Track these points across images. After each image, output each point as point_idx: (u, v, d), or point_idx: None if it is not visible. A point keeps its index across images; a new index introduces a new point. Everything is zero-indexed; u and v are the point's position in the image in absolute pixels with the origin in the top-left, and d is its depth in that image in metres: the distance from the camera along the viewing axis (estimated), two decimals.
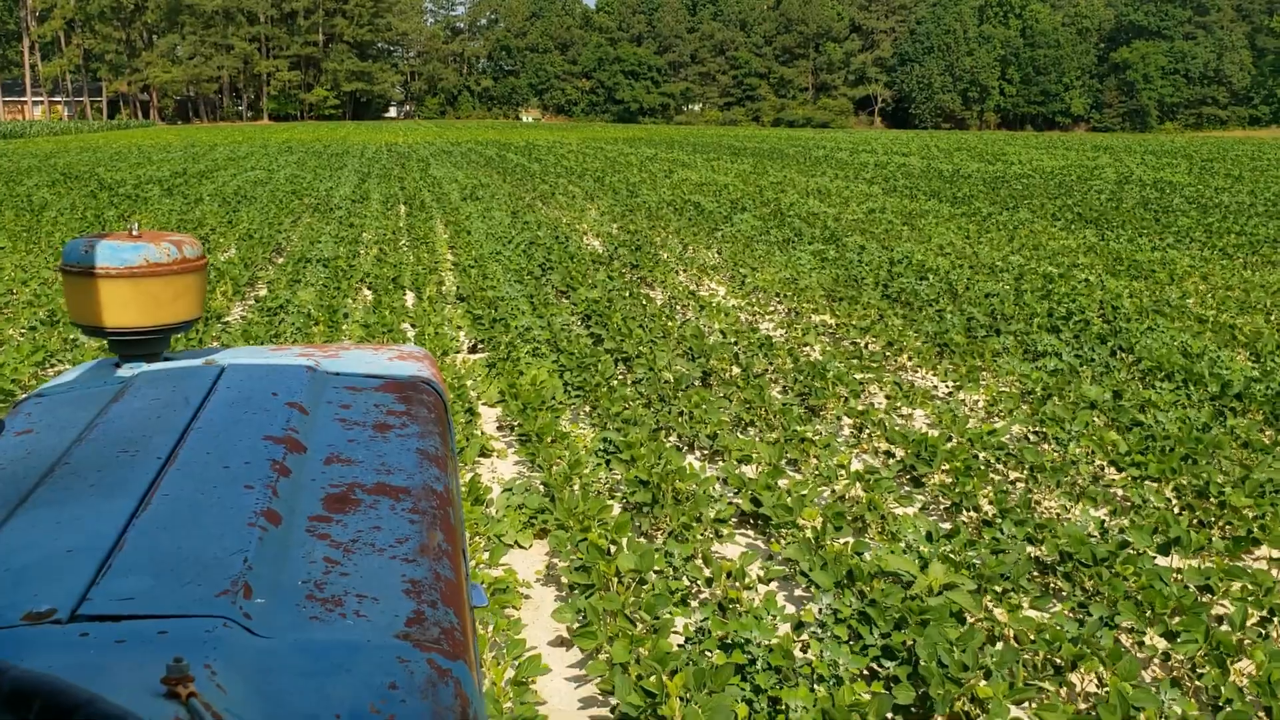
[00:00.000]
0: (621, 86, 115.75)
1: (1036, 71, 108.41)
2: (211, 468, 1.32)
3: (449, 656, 0.98)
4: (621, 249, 14.11)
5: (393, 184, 24.63)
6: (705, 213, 17.97)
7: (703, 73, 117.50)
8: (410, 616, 1.04)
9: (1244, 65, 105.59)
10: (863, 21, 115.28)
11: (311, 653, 0.94)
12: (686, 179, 25.75)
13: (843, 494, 6.10)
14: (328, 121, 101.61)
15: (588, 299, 10.78)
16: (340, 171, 28.30)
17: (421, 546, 1.21)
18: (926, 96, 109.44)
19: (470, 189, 22.43)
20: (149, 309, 1.85)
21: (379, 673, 0.92)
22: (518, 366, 8.57)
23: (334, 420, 1.58)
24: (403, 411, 1.66)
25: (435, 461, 1.49)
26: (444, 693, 0.92)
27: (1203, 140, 66.03)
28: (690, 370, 8.56)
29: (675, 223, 16.82)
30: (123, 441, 1.42)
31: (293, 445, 1.41)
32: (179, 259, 1.88)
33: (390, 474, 1.39)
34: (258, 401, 1.58)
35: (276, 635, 0.97)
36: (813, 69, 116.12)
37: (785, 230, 15.59)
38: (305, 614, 1.02)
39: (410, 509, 1.30)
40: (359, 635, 0.99)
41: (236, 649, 0.91)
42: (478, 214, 17.83)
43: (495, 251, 13.67)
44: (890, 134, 70.80)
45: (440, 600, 1.10)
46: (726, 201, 19.87)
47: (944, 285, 11.49)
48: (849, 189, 22.56)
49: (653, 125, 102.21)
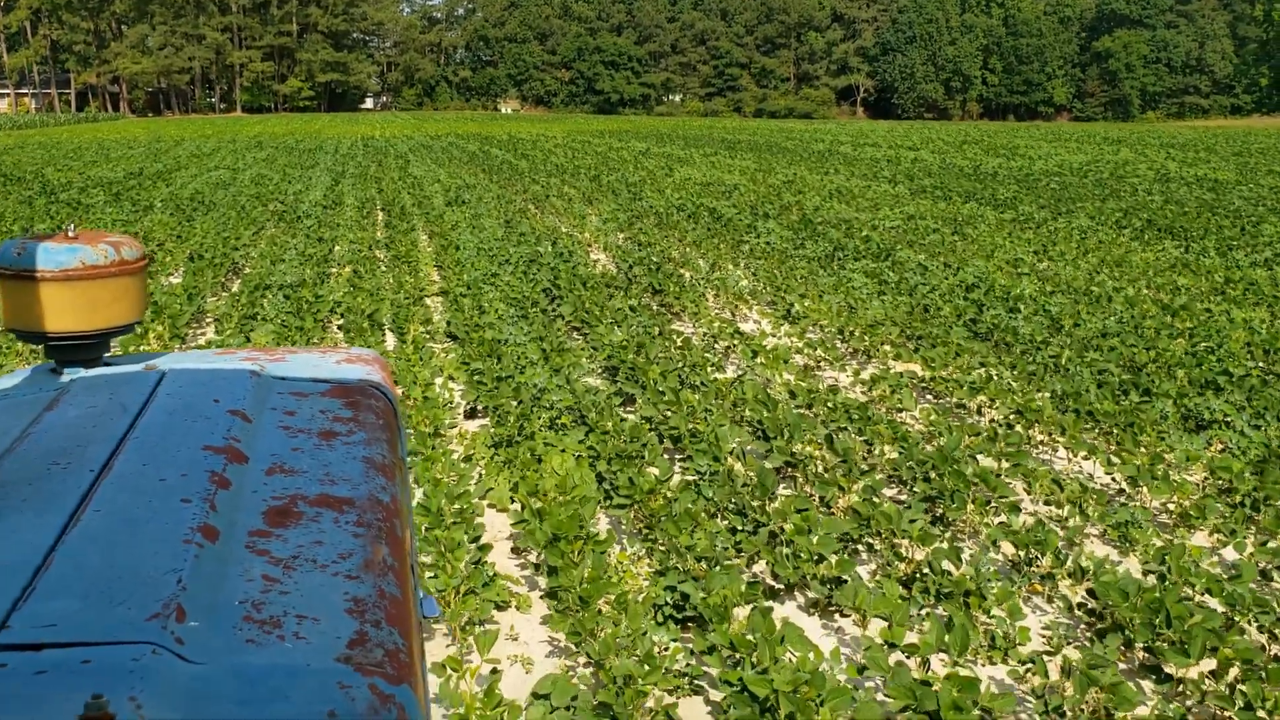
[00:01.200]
0: (601, 77, 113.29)
1: (1019, 61, 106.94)
2: (147, 480, 1.26)
3: (392, 681, 0.92)
4: (637, 268, 11.91)
5: (369, 185, 22.31)
6: (724, 220, 15.77)
7: (683, 63, 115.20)
8: (352, 638, 0.98)
9: (1226, 54, 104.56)
10: (844, 10, 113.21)
11: (247, 679, 0.88)
12: (689, 178, 23.53)
13: (1045, 693, 3.97)
14: (302, 113, 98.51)
15: (611, 343, 8.59)
16: (312, 171, 25.88)
17: (366, 562, 1.14)
18: (909, 86, 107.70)
19: (455, 191, 20.14)
20: (86, 312, 1.76)
21: (318, 700, 0.86)
22: (533, 448, 6.39)
23: (278, 428, 1.50)
24: (349, 418, 1.57)
25: (382, 470, 1.41)
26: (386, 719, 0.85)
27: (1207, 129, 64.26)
28: (758, 448, 6.41)
29: (692, 233, 14.63)
30: (55, 452, 1.35)
31: (234, 455, 1.35)
32: (117, 260, 1.78)
33: (335, 484, 1.33)
34: (198, 409, 1.50)
35: (210, 661, 0.91)
36: (794, 59, 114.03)
37: (822, 243, 13.42)
38: (241, 637, 0.96)
39: (355, 521, 1.23)
40: (298, 659, 0.93)
41: (166, 678, 0.86)
42: (465, 222, 15.58)
43: (490, 274, 11.44)
44: (885, 125, 68.60)
45: (384, 620, 1.03)
46: (745, 206, 17.67)
47: (1043, 318, 9.37)
48: (871, 189, 20.40)
49: (635, 116, 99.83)
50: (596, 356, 8.57)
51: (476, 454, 6.71)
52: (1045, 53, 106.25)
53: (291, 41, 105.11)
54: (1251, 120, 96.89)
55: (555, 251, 12.94)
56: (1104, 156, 31.47)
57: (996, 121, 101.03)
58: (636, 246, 13.73)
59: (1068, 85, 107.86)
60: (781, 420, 6.60)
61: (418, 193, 20.18)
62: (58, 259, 1.74)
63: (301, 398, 1.66)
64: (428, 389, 7.45)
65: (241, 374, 1.71)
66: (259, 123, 71.20)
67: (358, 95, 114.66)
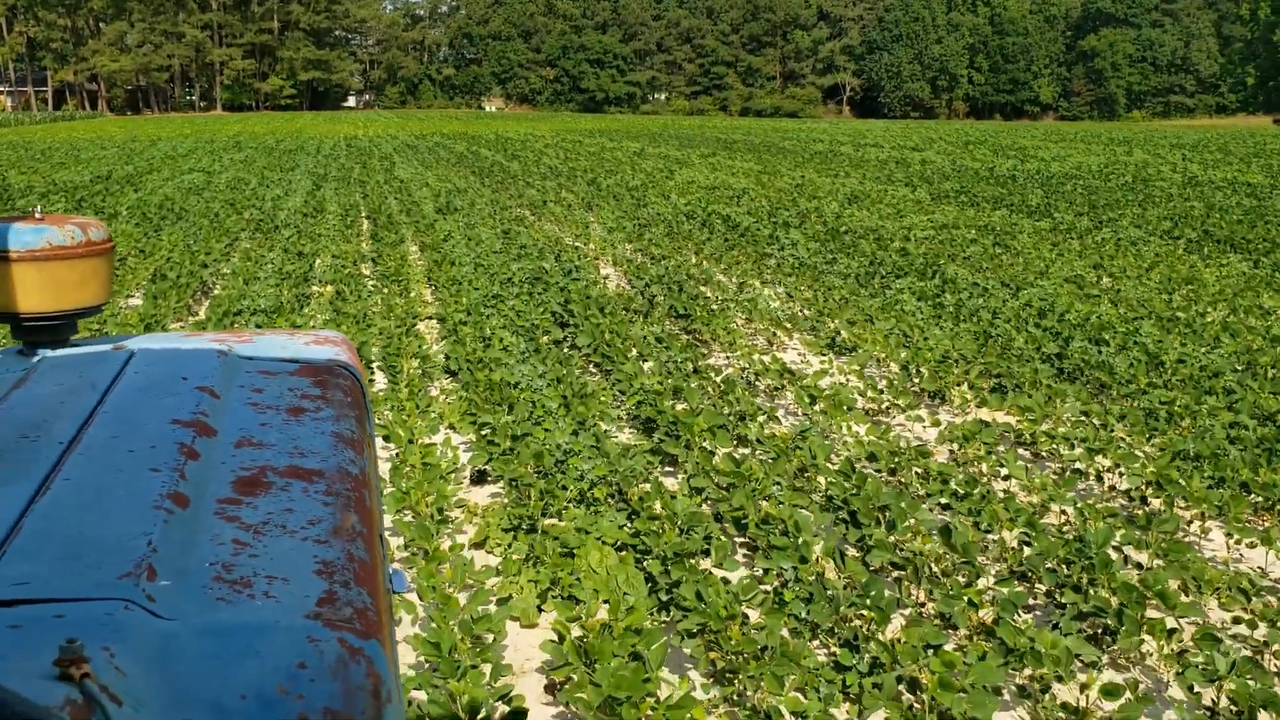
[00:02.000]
0: (587, 75, 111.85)
1: (1005, 60, 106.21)
2: (116, 452, 1.25)
3: (361, 635, 0.93)
4: (654, 286, 10.55)
5: (353, 190, 20.85)
6: (741, 229, 14.41)
7: (669, 61, 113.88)
8: (321, 596, 0.98)
9: (1211, 53, 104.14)
10: (830, 9, 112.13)
11: (217, 634, 0.89)
12: (692, 181, 22.16)
13: None
14: (284, 112, 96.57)
15: (642, 387, 7.22)
16: (292, 174, 24.36)
17: (335, 528, 1.14)
18: (896, 85, 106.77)
19: (445, 196, 18.71)
20: (53, 293, 1.75)
21: (288, 653, 0.87)
22: (561, 535, 5.04)
23: (246, 404, 1.50)
24: (318, 395, 1.57)
25: (351, 444, 1.41)
26: (355, 671, 0.87)
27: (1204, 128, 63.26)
28: (850, 537, 5.06)
29: (708, 244, 13.27)
30: (24, 426, 1.34)
31: (202, 429, 1.34)
32: (84, 242, 1.79)
33: (304, 456, 1.32)
34: (167, 386, 1.51)
35: (181, 618, 0.91)
36: (780, 57, 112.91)
37: (856, 257, 12.08)
38: (212, 596, 0.96)
39: (324, 491, 1.23)
40: (267, 616, 0.94)
41: (138, 632, 0.86)
42: (459, 232, 14.17)
43: (492, 295, 10.04)
44: (881, 125, 67.28)
45: (353, 580, 1.03)
46: (760, 213, 16.31)
47: (1134, 351, 8.06)
48: (888, 194, 19.07)
49: (622, 115, 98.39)
50: (625, 401, 7.21)
51: (491, 538, 5.35)
52: (1031, 51, 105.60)
53: (273, 39, 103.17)
54: (1236, 119, 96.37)
55: (561, 267, 11.56)
56: (1118, 158, 30.20)
57: (983, 121, 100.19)
58: (650, 260, 12.37)
59: (1054, 84, 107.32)
60: (872, 498, 5.25)
61: (405, 198, 18.74)
62: (24, 239, 1.73)
63: (270, 376, 1.65)
64: (427, 453, 6.08)
65: (210, 353, 1.72)
66: (239, 121, 69.42)
67: (340, 93, 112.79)
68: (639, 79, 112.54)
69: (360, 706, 0.84)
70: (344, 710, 0.82)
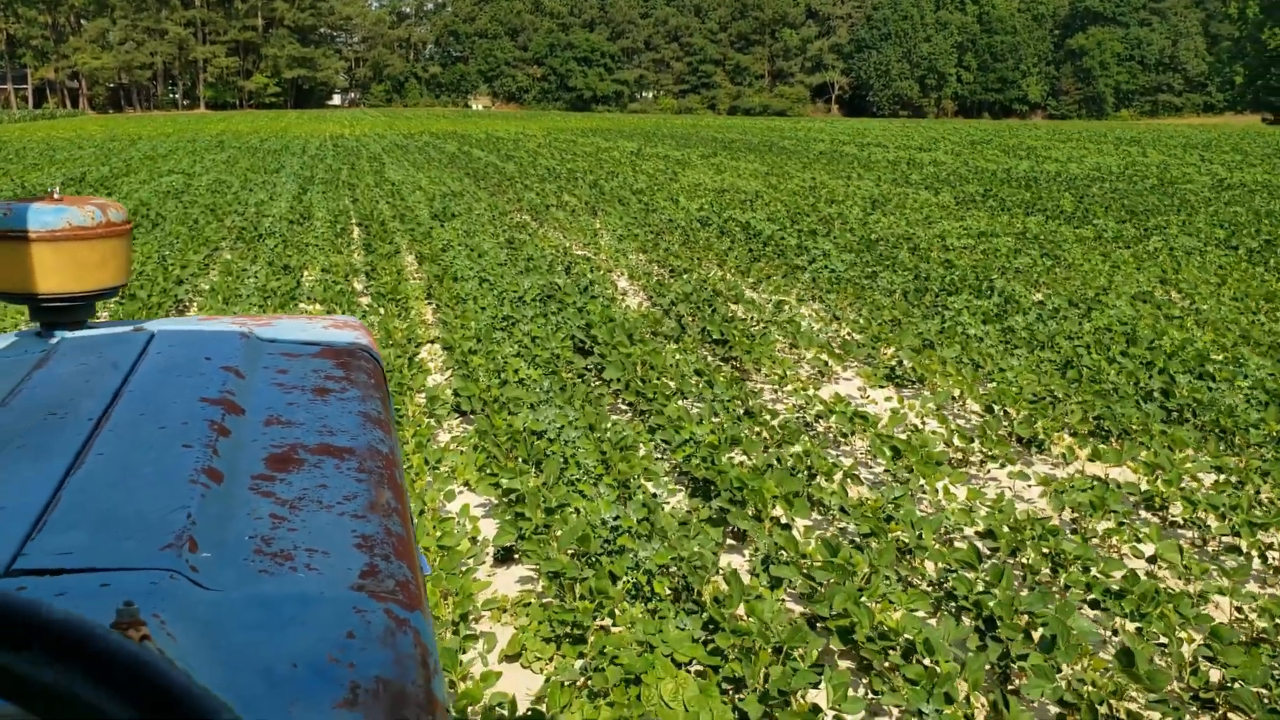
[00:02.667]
0: (574, 73, 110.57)
1: (994, 58, 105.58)
2: (146, 429, 1.22)
3: (406, 607, 0.92)
4: (680, 305, 9.42)
5: (341, 193, 19.63)
6: (763, 238, 13.27)
7: (657, 59, 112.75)
8: (364, 569, 0.97)
9: (1199, 52, 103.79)
10: (819, 7, 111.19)
11: (264, 605, 0.88)
12: (699, 183, 21.00)
13: None
14: (268, 110, 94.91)
15: (692, 438, 6.08)
16: (276, 176, 23.09)
17: (371, 504, 1.12)
18: (885, 84, 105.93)
19: (440, 201, 17.51)
20: (73, 274, 1.72)
21: (335, 623, 0.87)
22: (618, 653, 3.91)
23: (271, 384, 1.48)
24: (342, 377, 1.55)
25: (378, 424, 1.38)
26: (403, 641, 0.86)
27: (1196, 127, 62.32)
28: (988, 657, 3.95)
29: (731, 255, 12.13)
30: (50, 405, 1.31)
31: (230, 407, 1.32)
32: (104, 222, 1.76)
33: (334, 435, 1.30)
34: (191, 366, 1.48)
35: (225, 589, 0.90)
36: (769, 56, 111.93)
37: (899, 271, 10.97)
38: (254, 568, 0.95)
39: (357, 468, 1.21)
40: (312, 588, 0.93)
41: (185, 601, 0.86)
42: (459, 241, 13.00)
43: (503, 318, 8.88)
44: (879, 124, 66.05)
45: (393, 554, 1.02)
46: (781, 218, 15.17)
47: (1245, 385, 6.97)
48: (910, 198, 17.93)
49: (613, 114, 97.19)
50: (671, 454, 6.08)
51: (528, 648, 4.22)
52: (1020, 50, 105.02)
53: (257, 36, 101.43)
54: (1224, 118, 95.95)
55: (575, 282, 10.41)
56: (1134, 158, 29.08)
57: (972, 119, 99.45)
58: (669, 274, 11.24)
59: (1042, 83, 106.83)
60: (1014, 601, 4.12)
61: (398, 202, 17.53)
62: (44, 220, 1.69)
63: (292, 358, 1.62)
64: (444, 530, 4.93)
65: (231, 334, 1.69)
66: (223, 120, 67.90)
67: (325, 92, 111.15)
68: (627, 77, 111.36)
69: (411, 675, 0.82)
70: (396, 679, 0.81)
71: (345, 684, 0.78)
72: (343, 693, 0.77)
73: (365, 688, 0.78)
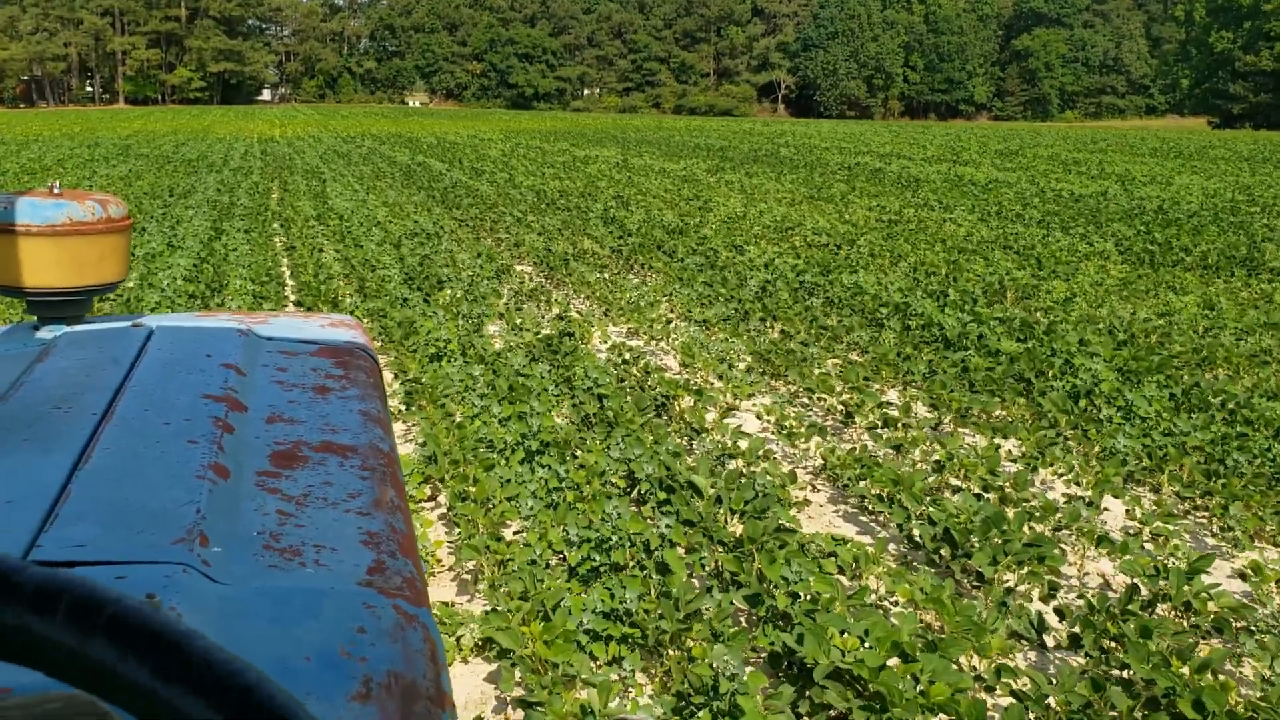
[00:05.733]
0: (515, 70, 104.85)
1: (940, 59, 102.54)
2: (152, 424, 1.21)
3: (413, 603, 0.92)
4: (891, 511, 4.45)
5: (270, 230, 14.27)
6: (926, 321, 8.29)
7: (600, 56, 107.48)
8: (371, 565, 0.97)
9: (1141, 54, 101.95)
10: (765, 5, 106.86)
11: (275, 599, 0.88)
12: (743, 215, 15.86)
13: None
14: (192, 106, 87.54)
15: None
16: (185, 202, 17.50)
17: (375, 501, 1.12)
18: (832, 84, 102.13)
19: (412, 249, 12.29)
20: (72, 269, 1.68)
21: (346, 618, 0.86)
22: None
23: (272, 382, 1.46)
24: (341, 375, 1.53)
25: (378, 423, 1.37)
26: (413, 636, 0.86)
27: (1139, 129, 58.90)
28: None
29: (911, 368, 7.14)
30: (54, 398, 1.29)
31: (233, 404, 1.31)
32: (104, 218, 1.72)
33: (335, 433, 1.29)
34: (192, 362, 1.46)
35: (237, 583, 0.90)
36: (715, 54, 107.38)
37: (1199, 414, 6.09)
38: (264, 563, 0.95)
39: (360, 465, 1.20)
40: (322, 583, 0.92)
41: (198, 594, 0.85)
42: (462, 342, 7.85)
43: (586, 567, 3.82)
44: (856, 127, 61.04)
45: (399, 551, 1.02)
46: (906, 283, 10.11)
47: None
48: (1051, 246, 12.98)
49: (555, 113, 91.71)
50: None
51: None
52: (966, 50, 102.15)
53: (180, 27, 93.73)
54: (1167, 121, 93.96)
55: (712, 468, 5.35)
56: (1238, 178, 24.49)
57: (918, 120, 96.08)
58: (825, 419, 6.27)
59: (988, 84, 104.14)
60: None
61: (351, 251, 12.26)
62: (44, 214, 1.66)
63: (291, 356, 1.60)
64: None
65: (230, 331, 1.65)
66: (141, 117, 61.09)
67: (254, 87, 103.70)
68: (569, 74, 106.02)
69: (421, 669, 0.82)
70: (406, 672, 0.80)
71: (359, 678, 0.77)
72: (356, 686, 0.76)
73: (378, 681, 0.77)
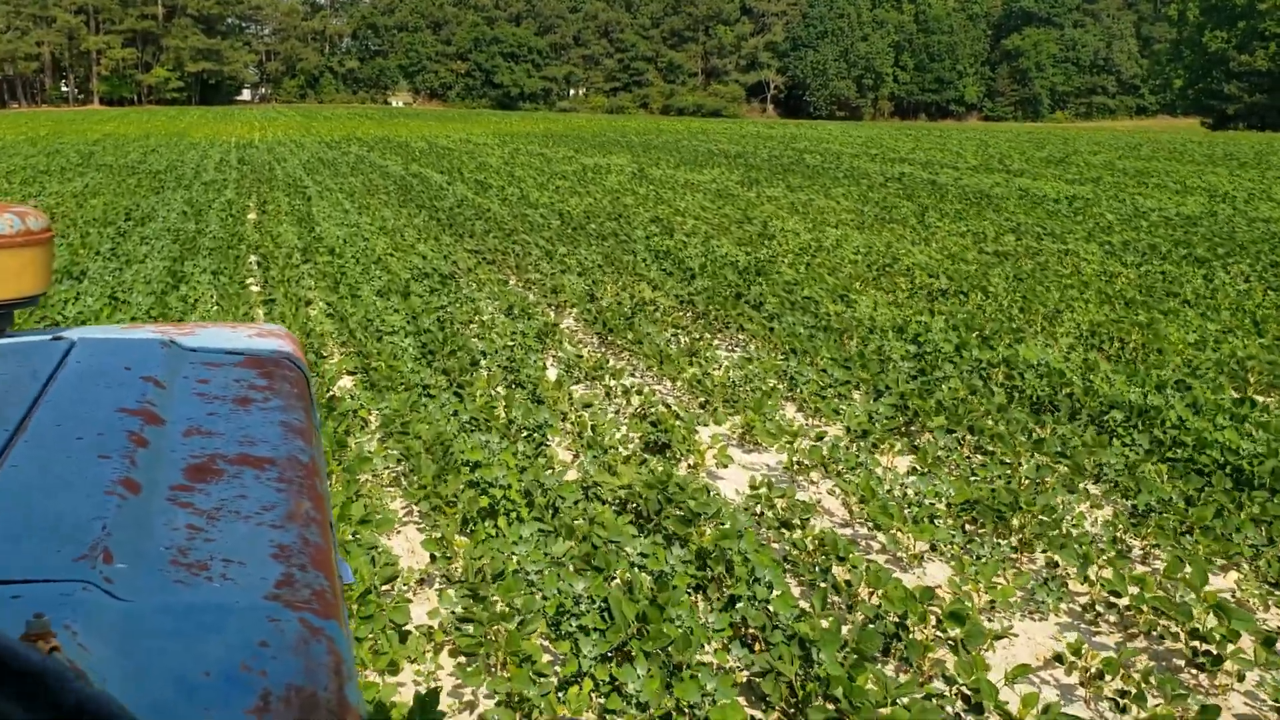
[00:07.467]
0: (500, 69, 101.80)
1: (930, 58, 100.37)
2: (64, 438, 1.18)
3: (321, 615, 0.91)
4: None
5: (245, 266, 11.47)
6: (1146, 426, 5.62)
7: (587, 55, 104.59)
8: (279, 579, 0.96)
9: (1132, 54, 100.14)
10: (754, 4, 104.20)
11: (178, 615, 0.87)
12: (818, 243, 13.21)
13: None
14: (169, 107, 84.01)
15: None
16: (144, 230, 14.63)
17: (289, 513, 1.09)
18: (822, 84, 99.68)
19: (416, 288, 9.54)
20: None
21: (249, 631, 0.86)
22: None
23: (193, 394, 1.42)
24: (264, 386, 1.48)
25: (300, 434, 1.33)
26: (317, 649, 0.85)
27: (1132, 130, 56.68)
28: None
29: (1159, 524, 4.49)
30: None
31: (150, 418, 1.26)
32: (22, 230, 1.66)
33: (254, 445, 1.25)
34: (111, 375, 1.42)
35: (140, 599, 0.89)
36: (703, 53, 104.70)
37: None
38: (169, 578, 0.94)
39: (277, 478, 1.17)
40: (227, 597, 0.91)
41: (98, 612, 0.84)
42: (517, 478, 5.13)
43: None
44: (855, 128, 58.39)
45: (310, 564, 1.00)
46: (1079, 353, 7.34)
47: None
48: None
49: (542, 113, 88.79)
50: None
51: None
52: (956, 50, 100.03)
53: (156, 26, 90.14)
54: (1158, 121, 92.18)
55: None
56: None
57: (909, 120, 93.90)
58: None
59: (978, 84, 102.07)
60: None
61: (346, 301, 9.48)
62: None
63: (215, 367, 1.55)
64: None
65: (153, 343, 1.60)
66: (115, 119, 57.78)
67: (233, 87, 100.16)
68: (555, 74, 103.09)
69: (323, 682, 0.82)
70: (307, 686, 0.80)
71: (257, 691, 0.76)
72: (254, 700, 0.75)
73: (277, 695, 0.77)
